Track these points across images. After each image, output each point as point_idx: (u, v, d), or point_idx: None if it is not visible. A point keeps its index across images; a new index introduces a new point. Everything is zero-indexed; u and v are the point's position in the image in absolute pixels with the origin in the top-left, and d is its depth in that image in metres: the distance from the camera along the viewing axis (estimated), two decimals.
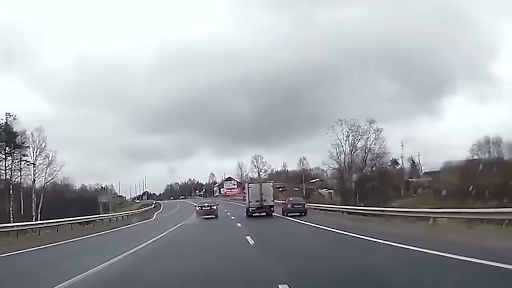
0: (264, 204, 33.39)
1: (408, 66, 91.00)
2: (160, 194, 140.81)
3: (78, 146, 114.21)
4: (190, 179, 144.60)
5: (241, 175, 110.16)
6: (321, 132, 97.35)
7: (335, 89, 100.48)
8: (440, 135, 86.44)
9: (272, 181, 37.09)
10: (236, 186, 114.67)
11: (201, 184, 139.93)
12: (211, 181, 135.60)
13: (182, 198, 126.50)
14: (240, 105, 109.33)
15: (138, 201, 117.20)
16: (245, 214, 35.66)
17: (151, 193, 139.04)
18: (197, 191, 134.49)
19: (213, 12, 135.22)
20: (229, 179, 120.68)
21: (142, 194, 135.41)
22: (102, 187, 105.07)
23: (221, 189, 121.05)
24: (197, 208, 37.74)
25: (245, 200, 39.30)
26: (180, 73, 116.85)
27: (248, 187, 34.17)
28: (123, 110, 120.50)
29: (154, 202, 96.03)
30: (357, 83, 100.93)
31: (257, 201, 33.46)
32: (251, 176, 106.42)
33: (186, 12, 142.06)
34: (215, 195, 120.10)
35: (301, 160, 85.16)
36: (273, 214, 33.52)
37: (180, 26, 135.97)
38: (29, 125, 51.37)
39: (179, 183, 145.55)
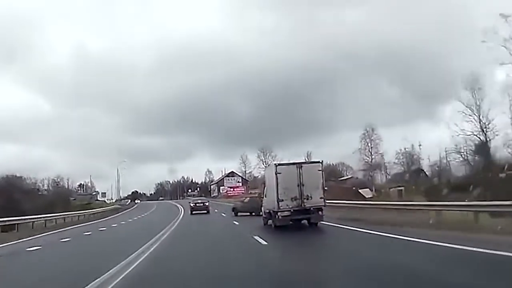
0: (307, 206, 17.83)
1: (410, 70, 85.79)
2: (151, 194, 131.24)
3: (74, 145, 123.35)
4: (183, 177, 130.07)
5: (245, 172, 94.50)
6: (323, 136, 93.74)
7: (336, 91, 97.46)
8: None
9: (320, 161, 19.77)
10: (240, 184, 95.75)
11: (196, 183, 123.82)
12: (207, 179, 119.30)
13: (161, 199, 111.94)
14: (240, 106, 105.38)
15: (129, 200, 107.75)
16: (264, 223, 20.76)
17: (141, 193, 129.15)
18: (189, 190, 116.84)
19: (214, 11, 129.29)
20: (231, 174, 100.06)
21: (132, 193, 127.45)
22: (80, 184, 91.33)
23: (221, 188, 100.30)
24: (191, 205, 42.38)
25: (262, 198, 23.68)
26: (179, 73, 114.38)
27: (276, 173, 18.15)
28: (120, 109, 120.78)
29: (128, 203, 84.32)
30: (358, 85, 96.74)
31: (294, 198, 17.79)
32: (257, 175, 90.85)
33: (186, 11, 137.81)
34: (212, 195, 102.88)
35: (367, 131, 55.21)
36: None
37: (180, 25, 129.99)
38: None
39: (171, 182, 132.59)
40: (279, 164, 18.93)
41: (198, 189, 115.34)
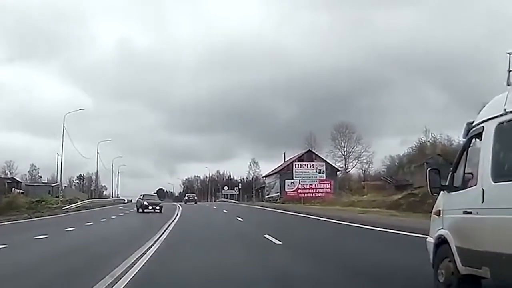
0: None
1: (459, 77, 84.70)
2: (180, 193, 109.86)
3: (116, 141, 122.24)
4: (218, 172, 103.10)
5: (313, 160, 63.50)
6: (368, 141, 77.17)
7: (382, 97, 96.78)
8: None
9: None
10: (324, 176, 55.56)
11: (235, 180, 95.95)
12: (251, 174, 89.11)
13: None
14: (285, 107, 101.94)
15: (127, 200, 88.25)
16: None
17: (167, 191, 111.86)
18: (225, 188, 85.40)
19: (261, 10, 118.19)
20: (308, 156, 61.84)
21: (157, 191, 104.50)
22: (79, 175, 67.32)
23: (287, 183, 56.91)
24: (185, 198, 50.36)
25: None
26: (224, 71, 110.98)
27: None
28: (161, 107, 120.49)
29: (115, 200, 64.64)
30: (406, 92, 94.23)
31: None
32: (342, 168, 67.34)
33: (234, 10, 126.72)
34: (268, 195, 69.30)
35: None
36: None
37: (227, 24, 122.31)
38: None
39: (201, 177, 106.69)
40: None
41: (240, 186, 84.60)
